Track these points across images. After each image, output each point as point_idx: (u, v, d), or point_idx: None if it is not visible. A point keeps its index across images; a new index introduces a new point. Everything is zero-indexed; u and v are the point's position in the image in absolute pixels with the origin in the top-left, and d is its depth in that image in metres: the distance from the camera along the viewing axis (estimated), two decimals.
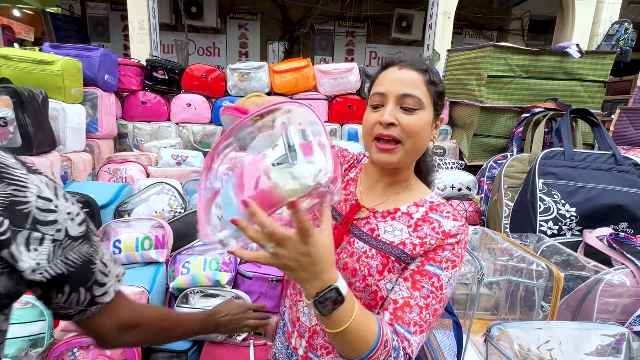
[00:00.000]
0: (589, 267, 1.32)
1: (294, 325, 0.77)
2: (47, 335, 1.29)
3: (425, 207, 0.71)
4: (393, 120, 0.66)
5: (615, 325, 1.09)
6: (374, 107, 0.70)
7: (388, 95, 0.68)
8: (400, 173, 0.74)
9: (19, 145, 1.58)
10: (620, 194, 1.60)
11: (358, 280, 0.67)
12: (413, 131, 0.66)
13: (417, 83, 0.67)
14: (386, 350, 0.57)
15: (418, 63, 0.70)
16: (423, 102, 0.67)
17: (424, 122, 0.68)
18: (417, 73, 0.68)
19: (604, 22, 4.57)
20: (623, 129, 2.64)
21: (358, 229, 0.72)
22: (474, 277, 1.36)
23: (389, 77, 0.69)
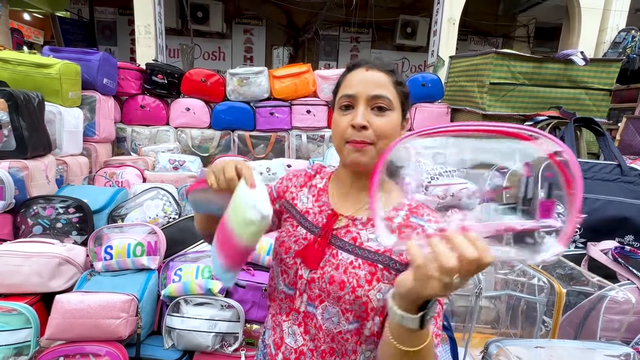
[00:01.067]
0: (593, 282, 1.27)
1: (278, 348, 0.73)
2: (32, 343, 1.26)
3: (404, 210, 0.69)
4: (365, 123, 0.65)
5: (620, 345, 1.05)
6: (343, 109, 0.69)
7: (358, 97, 0.67)
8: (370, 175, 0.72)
9: (14, 148, 1.58)
10: (626, 206, 1.55)
11: (347, 293, 0.65)
12: (385, 133, 0.66)
13: (386, 84, 0.67)
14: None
15: (385, 64, 0.70)
16: (393, 102, 0.67)
17: (395, 123, 0.68)
18: (385, 74, 0.68)
19: (610, 30, 4.52)
20: (630, 138, 2.58)
21: (339, 239, 0.70)
22: (472, 290, 1.32)
23: (357, 79, 0.68)
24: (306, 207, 0.76)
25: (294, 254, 0.71)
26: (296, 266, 0.71)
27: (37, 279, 1.37)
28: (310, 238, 0.72)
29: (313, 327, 0.69)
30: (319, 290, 0.68)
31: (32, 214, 1.57)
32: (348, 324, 0.67)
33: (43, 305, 1.42)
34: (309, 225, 0.74)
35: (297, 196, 0.80)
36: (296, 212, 0.77)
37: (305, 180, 0.82)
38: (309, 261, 0.69)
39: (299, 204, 0.78)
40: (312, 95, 2.59)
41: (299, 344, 0.70)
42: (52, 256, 1.40)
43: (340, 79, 0.73)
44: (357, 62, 0.71)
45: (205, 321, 1.42)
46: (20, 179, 1.57)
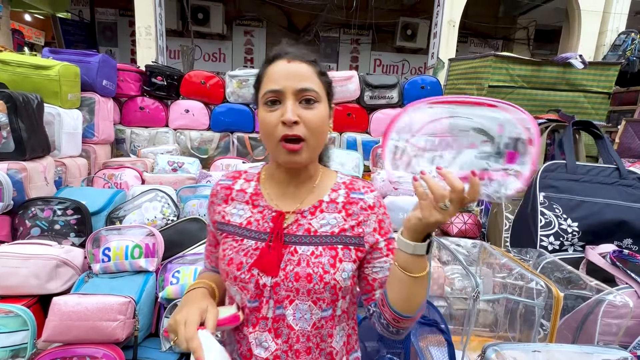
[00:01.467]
0: (591, 286, 1.26)
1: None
2: (29, 345, 1.26)
3: (342, 189, 0.74)
4: (297, 119, 0.64)
5: (617, 350, 1.04)
6: (270, 105, 0.66)
7: (285, 92, 0.65)
8: (308, 169, 0.74)
9: (12, 150, 1.58)
10: (624, 209, 1.54)
11: (316, 283, 0.66)
12: (315, 127, 0.66)
13: (311, 75, 0.66)
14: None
15: (306, 54, 0.68)
16: (320, 94, 0.67)
17: (323, 116, 0.68)
18: (308, 65, 0.67)
19: (610, 33, 4.54)
20: (629, 141, 2.58)
21: (294, 236, 0.70)
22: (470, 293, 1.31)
23: (280, 72, 0.66)
24: (246, 218, 0.73)
25: (249, 267, 0.69)
26: (255, 278, 0.68)
27: (35, 281, 1.37)
28: (261, 246, 0.70)
29: (285, 327, 0.69)
30: (285, 292, 0.67)
31: (30, 215, 1.57)
32: (322, 311, 0.69)
33: (40, 307, 1.41)
34: (255, 234, 0.71)
35: (227, 212, 0.75)
36: (235, 227, 0.73)
37: (227, 193, 0.77)
38: (267, 268, 0.68)
39: (233, 219, 0.74)
40: None
41: (272, 349, 0.69)
42: (50, 258, 1.40)
43: (260, 72, 0.70)
44: (277, 54, 0.68)
45: None
46: (19, 180, 1.57)
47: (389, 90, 2.57)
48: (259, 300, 0.69)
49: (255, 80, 0.72)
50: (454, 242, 1.69)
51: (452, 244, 1.64)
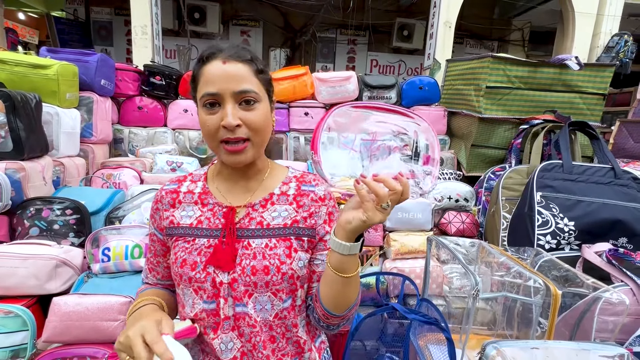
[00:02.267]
0: (588, 284, 1.28)
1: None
2: (29, 346, 1.25)
3: (293, 182, 0.76)
4: (238, 122, 0.63)
5: (614, 346, 1.06)
6: (208, 107, 0.65)
7: (223, 95, 0.63)
8: (256, 164, 0.74)
9: (10, 149, 1.57)
10: (619, 209, 1.57)
11: (274, 275, 0.67)
12: (258, 127, 0.66)
13: (249, 76, 0.65)
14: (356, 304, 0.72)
15: (241, 52, 0.66)
16: (259, 94, 0.66)
17: (265, 114, 0.68)
18: (245, 64, 0.65)
19: (604, 35, 4.59)
20: (623, 141, 2.61)
21: (246, 230, 0.70)
22: (469, 291, 1.33)
23: (217, 74, 0.63)
24: (196, 218, 0.72)
25: (203, 265, 0.68)
26: (211, 276, 0.67)
27: (34, 281, 1.36)
28: (214, 243, 0.69)
29: (246, 326, 0.68)
30: (244, 287, 0.67)
31: (29, 215, 1.56)
32: (282, 302, 0.69)
33: (39, 307, 1.41)
34: (207, 232, 0.70)
35: (175, 216, 0.74)
36: (185, 228, 0.72)
37: (173, 197, 0.75)
38: (222, 264, 0.67)
39: (183, 221, 0.72)
40: (310, 98, 2.60)
41: (237, 346, 0.68)
42: (49, 258, 1.39)
43: (196, 72, 0.68)
44: (211, 53, 0.66)
45: None
46: (17, 180, 1.56)
47: (387, 90, 2.59)
48: (216, 301, 0.68)
49: (191, 78, 0.70)
50: (452, 241, 1.71)
51: (451, 243, 1.65)
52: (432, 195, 2.11)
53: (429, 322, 1.26)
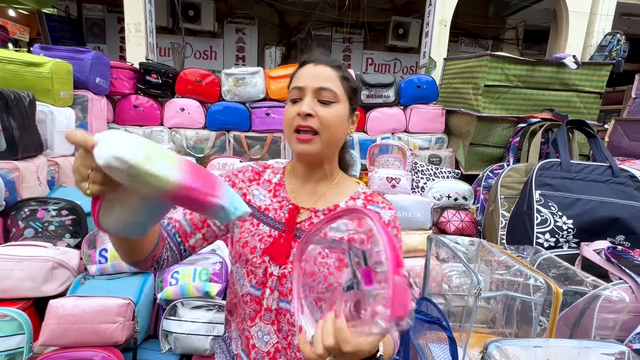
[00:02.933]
0: (587, 282, 1.29)
1: (249, 355, 0.73)
2: (25, 349, 1.23)
3: (361, 199, 0.76)
4: (311, 111, 0.69)
5: (615, 344, 1.07)
6: (293, 101, 0.73)
7: (306, 89, 0.71)
8: (324, 166, 0.77)
9: (4, 149, 1.53)
10: (617, 207, 1.59)
11: (319, 283, 0.67)
12: (329, 122, 0.70)
13: (332, 78, 0.72)
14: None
15: (332, 60, 0.75)
16: (338, 95, 0.72)
17: (340, 115, 0.72)
18: (332, 69, 0.73)
19: (597, 34, 4.64)
20: (618, 139, 2.64)
21: (304, 232, 0.71)
22: (469, 289, 1.33)
23: (306, 73, 0.73)
24: (264, 204, 0.77)
25: (261, 252, 0.72)
26: (265, 264, 0.71)
27: (30, 284, 1.33)
28: (274, 234, 0.73)
29: (286, 323, 0.70)
30: (291, 284, 0.69)
31: (24, 216, 1.53)
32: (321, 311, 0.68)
33: (35, 310, 1.38)
34: (271, 222, 0.75)
35: (249, 192, 0.78)
36: (255, 209, 0.77)
37: (254, 176, 0.81)
38: (277, 257, 0.71)
39: (253, 200, 0.77)
40: None
41: (273, 341, 0.71)
42: (45, 260, 1.36)
43: (292, 74, 0.77)
44: (306, 59, 0.75)
45: (204, 324, 1.41)
46: (11, 180, 1.53)
47: (385, 89, 2.58)
48: (262, 290, 0.71)
49: (289, 81, 0.78)
50: (452, 240, 1.71)
51: (451, 242, 1.66)
52: (431, 194, 2.11)
53: (431, 321, 1.26)
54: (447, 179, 2.22)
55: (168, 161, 0.43)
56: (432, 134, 2.67)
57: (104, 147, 0.41)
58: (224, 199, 0.47)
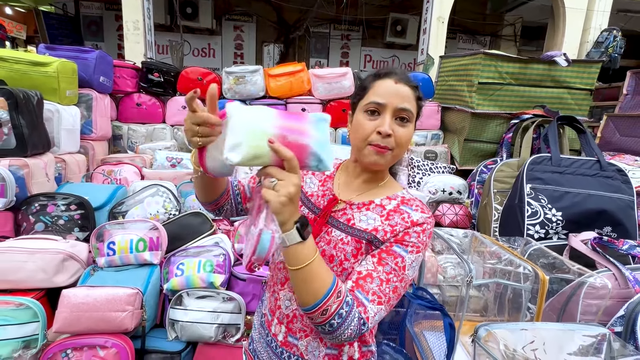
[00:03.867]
0: (574, 270, 1.36)
1: (273, 314, 0.83)
2: (40, 336, 1.29)
3: (397, 200, 0.78)
4: (391, 132, 0.73)
5: (596, 326, 1.13)
6: (369, 113, 0.75)
7: (387, 107, 0.73)
8: (379, 172, 0.82)
9: (14, 146, 1.59)
10: (604, 199, 1.65)
11: (335, 265, 0.74)
12: (404, 142, 0.75)
13: (411, 99, 0.75)
14: (339, 300, 0.64)
15: (411, 79, 0.77)
16: (413, 116, 0.76)
17: (411, 134, 0.77)
18: (411, 89, 0.75)
19: (593, 30, 4.67)
20: (610, 135, 2.71)
21: (336, 220, 0.78)
22: (463, 279, 1.39)
23: (387, 89, 0.74)
24: (312, 190, 0.85)
25: None
26: None
27: (42, 275, 1.40)
28: (311, 217, 0.80)
29: None
30: None
31: (34, 211, 1.59)
32: None
33: (47, 300, 1.44)
34: (311, 206, 0.82)
35: (303, 179, 0.87)
36: (302, 194, 0.85)
37: None
38: None
39: (305, 187, 0.86)
40: (306, 94, 2.64)
41: (292, 307, 0.79)
42: (57, 252, 1.42)
43: (366, 83, 0.79)
44: (388, 72, 0.77)
45: (208, 313, 1.47)
46: (21, 176, 1.58)
47: None
48: None
49: (359, 87, 0.81)
50: (446, 232, 1.78)
51: (446, 234, 1.72)
52: (427, 188, 2.17)
53: (433, 308, 1.32)
54: (442, 174, 2.28)
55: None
56: (428, 130, 2.73)
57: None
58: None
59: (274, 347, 0.81)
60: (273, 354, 0.81)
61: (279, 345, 0.80)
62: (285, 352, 0.79)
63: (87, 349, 1.31)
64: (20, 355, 1.27)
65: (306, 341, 0.77)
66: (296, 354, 0.78)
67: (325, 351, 0.77)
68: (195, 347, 1.52)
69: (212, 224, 1.79)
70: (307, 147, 0.62)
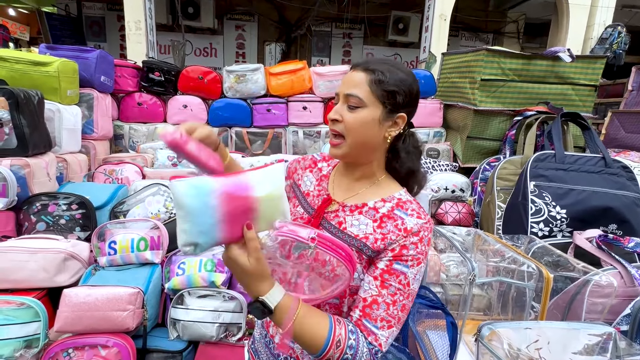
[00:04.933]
0: (578, 268, 1.34)
1: None
2: (42, 335, 1.29)
3: (392, 203, 0.75)
4: (337, 117, 0.74)
5: (602, 325, 1.12)
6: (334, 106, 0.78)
7: (339, 95, 0.76)
8: (363, 167, 0.79)
9: (15, 146, 1.59)
10: (609, 196, 1.63)
11: (327, 271, 0.71)
12: (352, 127, 0.72)
13: (360, 83, 0.72)
14: (340, 349, 0.64)
15: (372, 63, 0.73)
16: (364, 100, 0.71)
17: (364, 119, 0.72)
18: (365, 73, 0.72)
19: (597, 26, 4.63)
20: (614, 131, 2.67)
21: (328, 222, 0.77)
22: (466, 278, 1.38)
23: (344, 79, 0.76)
24: (308, 189, 0.85)
25: None
26: None
27: (43, 274, 1.40)
28: (305, 218, 0.80)
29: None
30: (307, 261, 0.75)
31: (35, 210, 1.59)
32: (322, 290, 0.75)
33: (49, 299, 1.44)
34: (307, 205, 0.82)
35: (302, 178, 0.88)
36: (299, 192, 0.86)
37: (311, 165, 0.90)
38: None
39: (302, 186, 0.87)
40: (308, 92, 2.63)
41: None
42: (58, 252, 1.42)
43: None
44: (355, 63, 0.78)
45: (210, 312, 1.47)
46: (22, 176, 1.58)
47: None
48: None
49: None
50: (449, 230, 1.76)
51: (448, 232, 1.70)
52: (430, 186, 2.16)
53: (435, 307, 1.31)
54: (445, 172, 2.26)
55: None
56: (430, 127, 2.71)
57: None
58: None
59: (272, 348, 0.81)
60: (271, 355, 0.81)
61: (276, 347, 0.80)
62: (282, 354, 0.79)
63: (89, 349, 1.31)
64: (22, 354, 1.27)
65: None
66: (293, 356, 0.78)
67: None
68: (196, 347, 1.52)
69: None
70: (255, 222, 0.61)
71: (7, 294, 1.34)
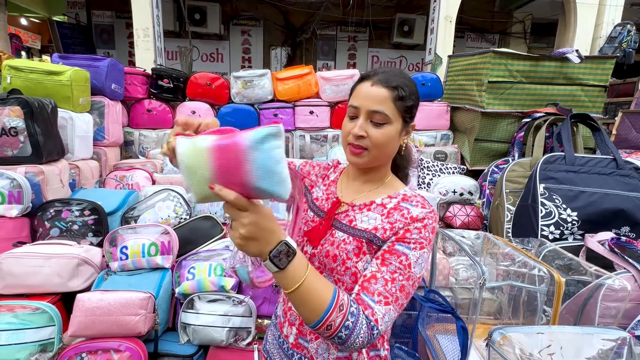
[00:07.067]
0: (591, 272, 1.32)
1: (285, 316, 0.84)
2: (56, 340, 1.32)
3: (398, 198, 0.79)
4: (362, 134, 0.75)
5: (617, 330, 1.10)
6: (351, 117, 0.78)
7: (360, 110, 0.76)
8: (374, 172, 0.83)
9: (29, 154, 1.63)
10: (621, 199, 1.60)
11: (339, 265, 0.75)
12: (379, 143, 0.76)
13: (386, 100, 0.75)
14: (342, 313, 0.63)
15: (391, 79, 0.75)
16: (390, 117, 0.75)
17: (390, 135, 0.76)
18: (387, 90, 0.75)
19: (606, 25, 4.57)
20: (625, 132, 2.64)
21: (339, 222, 0.80)
22: (476, 282, 1.37)
23: (363, 92, 0.76)
24: (318, 195, 0.89)
25: (303, 233, 0.83)
26: (303, 243, 0.82)
27: (57, 279, 1.42)
28: (316, 220, 0.83)
29: None
30: (318, 263, 0.79)
31: (49, 217, 1.62)
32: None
33: (62, 304, 1.47)
34: (317, 209, 0.85)
35: (314, 187, 0.91)
36: (310, 198, 0.89)
37: (324, 174, 0.94)
38: (312, 239, 0.81)
39: (314, 192, 0.90)
40: (314, 97, 2.64)
41: None
42: (72, 257, 1.45)
43: (353, 87, 0.81)
44: (368, 74, 0.78)
45: (220, 317, 1.48)
46: (37, 183, 1.62)
47: None
48: None
49: (350, 90, 0.83)
50: (458, 233, 1.75)
51: (457, 236, 1.70)
52: (437, 190, 2.15)
53: (444, 311, 1.30)
54: (452, 175, 2.25)
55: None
56: (437, 130, 2.70)
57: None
58: None
59: (286, 348, 0.82)
60: (284, 355, 0.83)
61: (290, 347, 0.81)
62: (296, 353, 0.80)
63: (102, 353, 1.33)
64: (37, 358, 1.29)
65: (316, 343, 0.78)
66: (307, 356, 0.79)
67: (336, 354, 0.78)
68: (207, 351, 1.53)
69: (222, 227, 1.80)
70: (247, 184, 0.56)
71: (23, 299, 1.37)
